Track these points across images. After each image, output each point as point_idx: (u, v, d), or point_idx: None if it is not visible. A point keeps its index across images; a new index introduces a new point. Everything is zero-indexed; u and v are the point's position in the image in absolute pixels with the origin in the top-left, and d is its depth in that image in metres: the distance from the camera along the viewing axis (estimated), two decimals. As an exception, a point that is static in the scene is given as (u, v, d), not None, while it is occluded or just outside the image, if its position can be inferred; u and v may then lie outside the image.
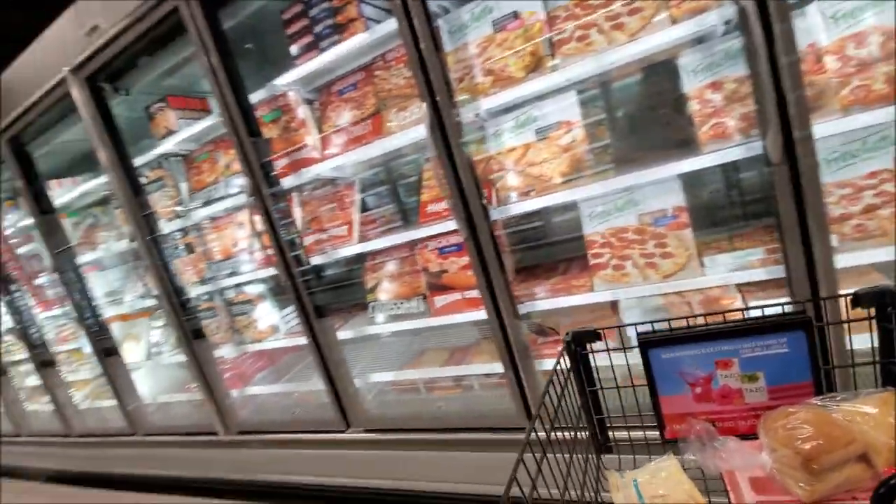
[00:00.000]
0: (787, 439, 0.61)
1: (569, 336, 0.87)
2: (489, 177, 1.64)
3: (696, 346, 0.75)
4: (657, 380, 0.78)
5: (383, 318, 2.00)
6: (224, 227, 2.36)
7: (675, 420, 0.79)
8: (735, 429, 0.76)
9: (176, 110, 2.21)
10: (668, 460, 0.76)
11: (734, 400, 0.75)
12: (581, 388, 0.88)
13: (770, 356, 0.72)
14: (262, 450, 2.24)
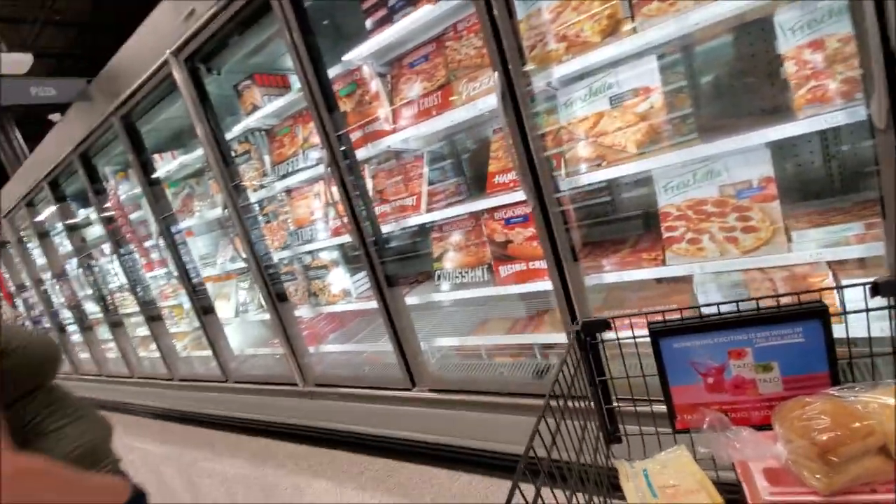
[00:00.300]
0: (803, 430, 0.59)
1: (578, 325, 0.85)
2: (559, 147, 1.62)
3: (709, 336, 0.73)
4: (668, 370, 0.77)
5: (448, 286, 2.07)
6: (302, 197, 2.53)
7: (686, 410, 0.78)
8: (748, 419, 0.74)
9: (261, 87, 2.38)
10: (678, 450, 0.75)
11: (747, 390, 0.73)
12: (591, 379, 0.86)
13: (785, 346, 0.69)
14: (335, 401, 2.45)
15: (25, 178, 4.09)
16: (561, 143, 1.63)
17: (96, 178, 3.40)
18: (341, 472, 2.35)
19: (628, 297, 1.80)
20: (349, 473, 2.32)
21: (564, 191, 1.56)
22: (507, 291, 1.85)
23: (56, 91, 2.79)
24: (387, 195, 2.15)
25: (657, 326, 0.75)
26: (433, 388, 2.05)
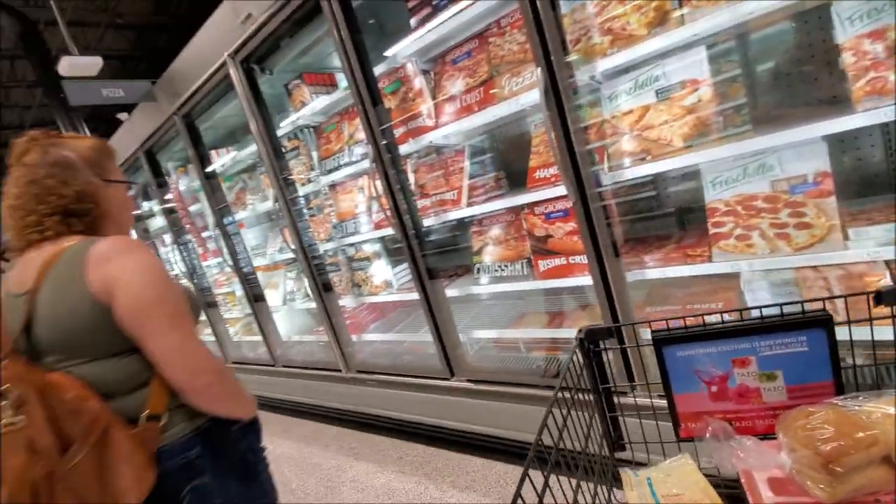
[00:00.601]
0: (807, 440, 0.59)
1: (581, 333, 0.85)
2: (601, 141, 1.62)
3: (713, 344, 0.73)
4: (672, 378, 0.77)
5: (487, 279, 2.11)
6: (346, 191, 2.63)
7: (689, 419, 0.78)
8: (752, 428, 0.74)
9: (309, 86, 2.49)
10: (682, 459, 0.75)
11: (751, 399, 0.73)
12: (594, 386, 0.86)
13: (789, 355, 0.69)
14: (376, 388, 2.55)
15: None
16: (604, 136, 1.62)
17: (159, 172, 3.66)
18: (382, 455, 2.45)
19: (672, 293, 1.78)
20: (389, 457, 2.41)
21: (606, 185, 1.55)
22: (545, 286, 1.86)
23: (124, 92, 3.02)
24: (428, 189, 2.20)
25: (661, 335, 0.75)
26: (471, 379, 2.10)
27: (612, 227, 1.55)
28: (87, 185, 0.98)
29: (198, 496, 0.95)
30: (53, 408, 0.82)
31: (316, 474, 2.50)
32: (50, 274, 0.89)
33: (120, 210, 1.06)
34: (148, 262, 0.93)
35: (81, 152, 1.00)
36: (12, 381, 0.80)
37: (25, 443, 0.77)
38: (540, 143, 1.85)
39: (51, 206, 0.94)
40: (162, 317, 0.90)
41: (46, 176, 0.94)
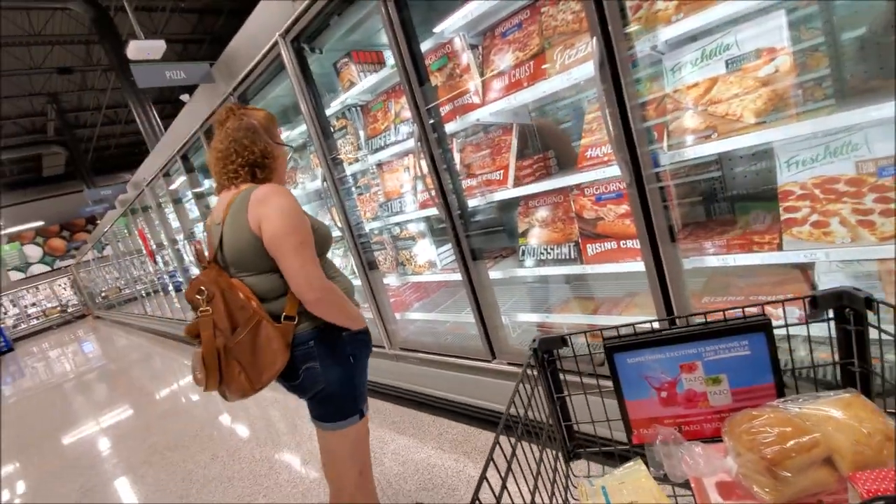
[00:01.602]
0: (751, 444, 0.60)
1: (535, 343, 0.86)
2: (661, 118, 1.50)
3: (661, 350, 0.74)
4: (623, 385, 0.78)
5: (532, 262, 2.06)
6: (392, 170, 2.64)
7: (642, 424, 0.79)
8: (701, 432, 0.76)
9: (357, 64, 2.48)
10: (635, 465, 0.76)
11: (699, 403, 0.75)
12: (549, 395, 0.87)
13: (732, 358, 0.72)
14: (418, 366, 2.58)
15: (162, 151, 4.73)
16: (664, 112, 1.51)
17: (217, 152, 3.82)
18: (423, 431, 2.51)
19: (733, 283, 1.65)
20: (430, 434, 2.46)
21: (664, 166, 1.45)
22: (594, 271, 1.79)
23: (185, 74, 3.15)
24: (474, 169, 2.16)
25: (612, 342, 0.77)
26: (512, 362, 2.08)
27: (669, 211, 1.45)
28: (266, 145, 1.33)
29: (309, 374, 1.29)
30: (229, 303, 1.22)
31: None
32: (230, 210, 1.25)
33: (283, 165, 1.43)
34: (284, 204, 1.22)
35: (260, 121, 1.36)
36: (206, 283, 1.24)
37: (212, 323, 1.21)
38: (593, 120, 1.75)
39: (244, 159, 1.30)
40: (289, 245, 1.20)
41: (242, 137, 1.31)
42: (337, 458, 1.43)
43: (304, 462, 2.60)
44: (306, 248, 1.22)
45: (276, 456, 2.75)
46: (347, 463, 1.42)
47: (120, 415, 4.66)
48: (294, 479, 2.45)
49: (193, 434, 3.48)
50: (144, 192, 5.84)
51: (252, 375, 1.23)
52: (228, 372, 1.23)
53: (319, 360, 1.29)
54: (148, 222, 6.72)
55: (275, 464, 2.66)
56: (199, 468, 2.90)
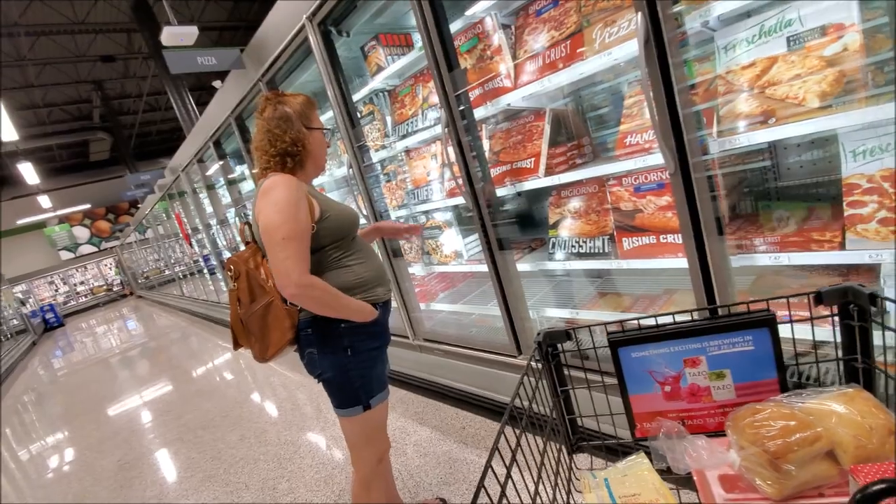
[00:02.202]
0: (754, 437, 0.61)
1: (540, 336, 0.86)
2: (711, 101, 1.37)
3: (665, 345, 0.74)
4: (627, 379, 0.78)
5: (563, 255, 1.97)
6: (420, 157, 2.57)
7: (645, 418, 0.79)
8: (704, 426, 0.76)
9: (385, 47, 2.41)
10: (638, 459, 0.77)
11: (702, 398, 0.75)
12: (553, 389, 0.87)
13: (736, 354, 0.71)
14: (442, 358, 2.54)
15: (196, 138, 4.81)
16: (714, 95, 1.38)
17: (248, 138, 3.86)
18: (445, 423, 2.47)
19: (785, 283, 1.52)
20: (452, 426, 2.42)
21: (713, 154, 1.33)
22: (629, 266, 1.68)
23: (217, 60, 3.16)
24: (503, 156, 2.07)
25: (616, 336, 0.76)
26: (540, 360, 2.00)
27: (716, 202, 1.33)
28: (298, 134, 1.33)
29: (309, 359, 1.37)
30: (251, 280, 1.32)
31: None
32: (255, 197, 1.29)
33: (318, 149, 1.41)
34: (279, 198, 1.22)
35: (295, 107, 1.35)
36: (236, 263, 1.34)
37: (236, 298, 1.34)
38: (633, 104, 1.63)
39: (276, 149, 1.31)
40: (274, 239, 1.21)
41: (275, 127, 1.31)
42: (349, 443, 1.45)
43: (327, 447, 2.62)
44: (291, 243, 1.21)
45: (300, 439, 2.79)
46: (361, 449, 1.44)
47: (157, 391, 4.85)
48: (317, 463, 2.47)
49: (224, 414, 3.58)
50: (180, 178, 6.00)
51: (261, 348, 1.35)
52: (246, 340, 1.38)
53: (317, 348, 1.34)
54: (184, 207, 6.92)
55: (299, 447, 2.70)
56: (227, 448, 2.98)
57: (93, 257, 18.04)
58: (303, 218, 1.24)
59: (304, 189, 1.29)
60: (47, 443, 4.28)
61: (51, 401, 5.90)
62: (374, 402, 1.40)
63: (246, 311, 1.34)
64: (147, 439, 3.57)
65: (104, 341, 9.68)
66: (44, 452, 4.05)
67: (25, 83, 11.08)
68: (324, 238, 1.31)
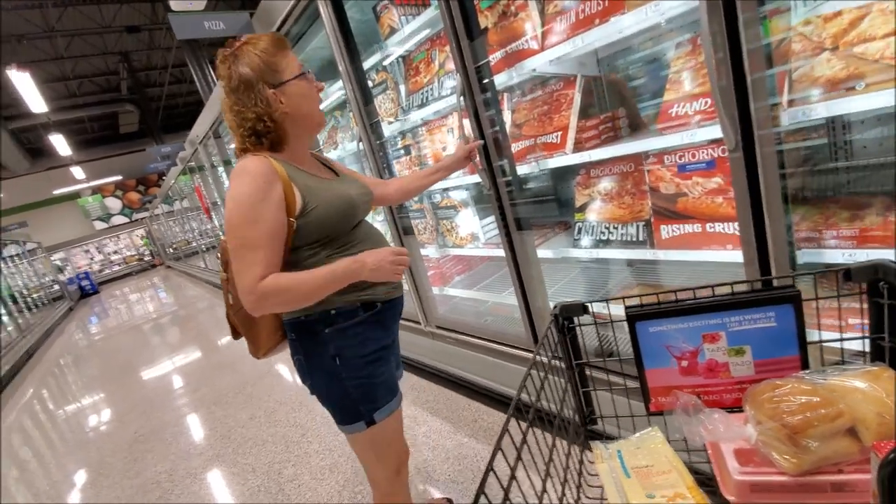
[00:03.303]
0: (773, 412, 0.60)
1: (556, 309, 0.87)
2: (783, 64, 1.12)
3: (684, 320, 0.73)
4: (643, 353, 0.77)
5: (590, 241, 1.76)
6: (435, 130, 2.37)
7: (660, 393, 0.78)
8: (720, 402, 0.75)
9: (398, 6, 2.19)
10: (652, 432, 0.77)
11: (720, 373, 0.74)
12: (568, 363, 0.88)
13: (757, 330, 0.69)
14: (455, 347, 2.40)
15: (210, 111, 4.70)
16: (788, 55, 1.13)
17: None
18: (457, 415, 2.35)
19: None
20: (464, 419, 2.29)
21: (785, 126, 1.09)
22: (667, 258, 1.47)
23: (225, 25, 3.00)
24: (527, 130, 1.85)
25: (634, 311, 0.75)
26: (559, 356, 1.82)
27: (786, 186, 1.10)
28: (262, 105, 1.04)
29: (299, 367, 1.19)
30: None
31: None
32: None
33: (302, 103, 1.09)
34: (239, 193, 0.99)
35: (255, 64, 1.04)
36: (225, 250, 1.13)
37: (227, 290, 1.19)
38: (681, 68, 1.38)
39: (246, 129, 1.06)
40: (231, 245, 1.01)
41: (235, 103, 1.06)
42: (362, 460, 1.29)
43: (335, 433, 2.54)
44: (246, 252, 0.99)
45: (309, 423, 2.72)
46: (374, 467, 1.28)
47: (178, 362, 4.92)
48: (323, 450, 2.39)
49: (237, 390, 3.56)
50: (199, 151, 5.94)
51: (252, 348, 1.24)
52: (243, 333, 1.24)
53: (303, 355, 1.17)
54: (203, 180, 6.90)
55: (307, 431, 2.63)
56: (237, 426, 2.94)
57: (125, 228, 18.60)
58: (269, 216, 0.99)
59: (279, 176, 1.02)
60: (75, 408, 4.40)
61: (82, 366, 6.11)
62: (380, 416, 1.17)
63: (233, 308, 1.18)
64: (163, 412, 3.59)
65: (135, 309, 10.00)
66: (70, 418, 4.16)
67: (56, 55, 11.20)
68: (307, 234, 1.07)
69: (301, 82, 1.09)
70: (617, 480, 0.69)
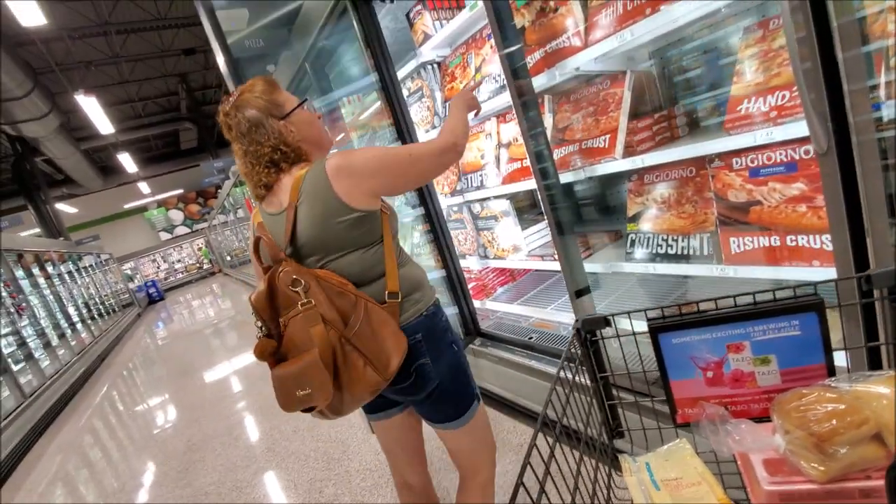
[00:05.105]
0: (800, 421, 0.60)
1: (578, 322, 0.86)
2: (880, 41, 0.93)
3: (707, 331, 0.71)
4: (668, 365, 0.76)
5: (645, 254, 1.59)
6: (472, 137, 2.26)
7: (686, 404, 0.77)
8: (747, 412, 0.73)
9: (431, 11, 2.11)
10: (680, 444, 0.76)
11: (746, 383, 0.73)
12: (592, 375, 0.88)
13: (782, 339, 0.68)
14: (496, 365, 2.27)
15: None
16: (883, 32, 0.93)
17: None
18: (501, 437, 2.22)
19: None
20: (509, 443, 2.16)
21: (889, 119, 0.90)
22: (737, 275, 1.28)
23: (264, 42, 3.03)
24: (569, 134, 1.70)
25: (656, 322, 0.74)
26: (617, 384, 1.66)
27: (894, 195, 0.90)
28: (275, 136, 1.09)
29: (421, 372, 1.12)
30: (326, 291, 1.02)
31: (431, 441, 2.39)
32: (302, 192, 1.05)
33: (308, 130, 1.15)
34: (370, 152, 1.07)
35: (257, 104, 1.09)
36: (298, 273, 1.02)
37: (319, 316, 1.00)
38: (752, 57, 1.20)
39: (262, 164, 1.09)
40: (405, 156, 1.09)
41: (249, 144, 1.09)
42: (467, 453, 1.26)
43: (376, 451, 2.48)
44: (413, 151, 1.11)
45: (350, 439, 2.68)
46: (482, 449, 1.27)
47: (231, 368, 5.11)
48: (363, 469, 2.34)
49: (283, 401, 3.61)
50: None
51: (380, 366, 1.02)
52: (350, 371, 1.00)
53: (430, 356, 1.13)
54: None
55: (348, 448, 2.59)
56: (282, 439, 2.96)
57: (186, 238, 19.81)
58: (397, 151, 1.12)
59: None
60: (138, 411, 4.65)
61: (147, 370, 6.49)
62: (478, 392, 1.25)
63: (343, 330, 1.00)
64: (215, 420, 3.70)
65: (197, 314, 10.59)
66: (132, 423, 4.40)
67: (121, 79, 12.09)
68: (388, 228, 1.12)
69: (302, 112, 1.15)
70: (646, 493, 0.69)
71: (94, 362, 7.54)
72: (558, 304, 2.17)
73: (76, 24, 8.78)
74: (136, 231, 19.05)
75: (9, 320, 5.66)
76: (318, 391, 0.97)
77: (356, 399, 1.04)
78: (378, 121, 3.12)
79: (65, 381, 6.08)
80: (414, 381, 1.12)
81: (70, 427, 4.87)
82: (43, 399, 5.28)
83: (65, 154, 10.75)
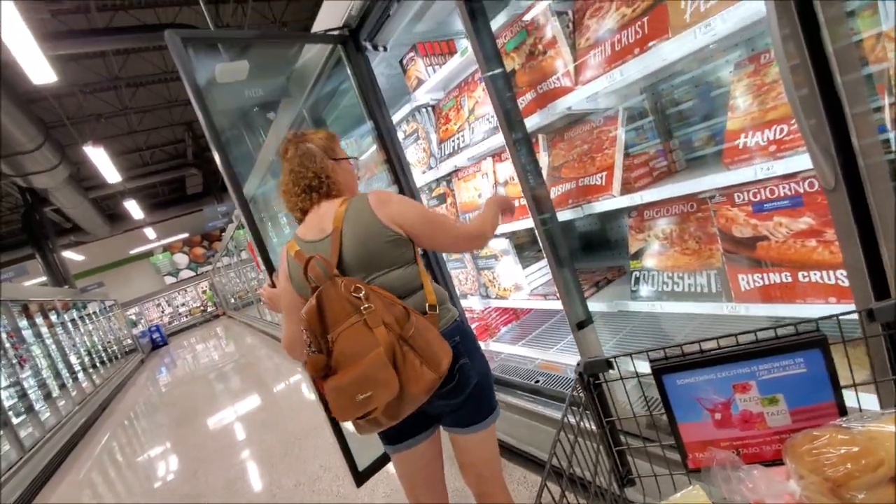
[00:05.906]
0: (813, 465, 0.58)
1: (580, 366, 0.84)
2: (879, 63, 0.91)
3: (712, 371, 0.69)
4: (675, 407, 0.73)
5: (650, 292, 1.53)
6: (469, 177, 2.26)
7: (697, 448, 0.74)
8: (760, 455, 0.71)
9: (424, 57, 2.15)
10: (694, 490, 0.71)
11: (756, 424, 0.70)
12: (598, 421, 0.85)
13: (788, 377, 0.66)
14: (504, 411, 2.17)
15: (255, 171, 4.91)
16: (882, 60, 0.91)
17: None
18: (513, 488, 2.09)
19: None
20: (520, 494, 2.03)
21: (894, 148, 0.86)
22: (751, 312, 1.22)
23: (263, 91, 3.11)
24: (566, 172, 1.69)
25: (658, 363, 0.72)
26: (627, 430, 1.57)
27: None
28: (321, 168, 1.27)
29: (463, 372, 1.23)
30: (381, 298, 1.13)
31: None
32: (346, 219, 1.19)
33: (348, 179, 1.36)
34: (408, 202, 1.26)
35: (318, 143, 1.31)
36: (358, 283, 1.13)
37: (381, 318, 1.09)
38: (745, 91, 1.18)
39: (301, 186, 1.27)
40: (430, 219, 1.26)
41: (298, 165, 1.27)
42: (487, 458, 1.34)
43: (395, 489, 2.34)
44: (442, 219, 1.31)
45: (350, 493, 2.54)
46: (496, 458, 1.36)
47: (231, 416, 4.95)
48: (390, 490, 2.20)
49: (284, 451, 3.47)
50: (250, 208, 6.22)
51: (433, 365, 1.11)
52: (408, 369, 1.08)
53: (468, 356, 1.26)
54: (256, 235, 7.20)
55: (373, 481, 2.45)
56: (282, 493, 2.82)
57: (191, 281, 19.84)
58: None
59: None
60: (135, 463, 4.48)
61: (147, 419, 6.32)
62: None
63: (399, 331, 1.10)
64: (212, 474, 3.55)
65: (200, 359, 10.44)
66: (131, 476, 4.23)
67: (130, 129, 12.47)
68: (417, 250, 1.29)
69: (349, 163, 1.39)
70: None
71: (95, 412, 7.37)
72: (563, 345, 2.09)
73: (88, 79, 9.13)
74: (141, 276, 19.13)
75: (10, 372, 5.58)
76: (382, 389, 1.05)
77: (414, 399, 1.11)
78: (375, 164, 3.14)
79: (65, 432, 5.93)
80: (457, 381, 1.22)
81: (70, 480, 4.71)
82: (43, 452, 5.13)
83: (73, 203, 10.93)
